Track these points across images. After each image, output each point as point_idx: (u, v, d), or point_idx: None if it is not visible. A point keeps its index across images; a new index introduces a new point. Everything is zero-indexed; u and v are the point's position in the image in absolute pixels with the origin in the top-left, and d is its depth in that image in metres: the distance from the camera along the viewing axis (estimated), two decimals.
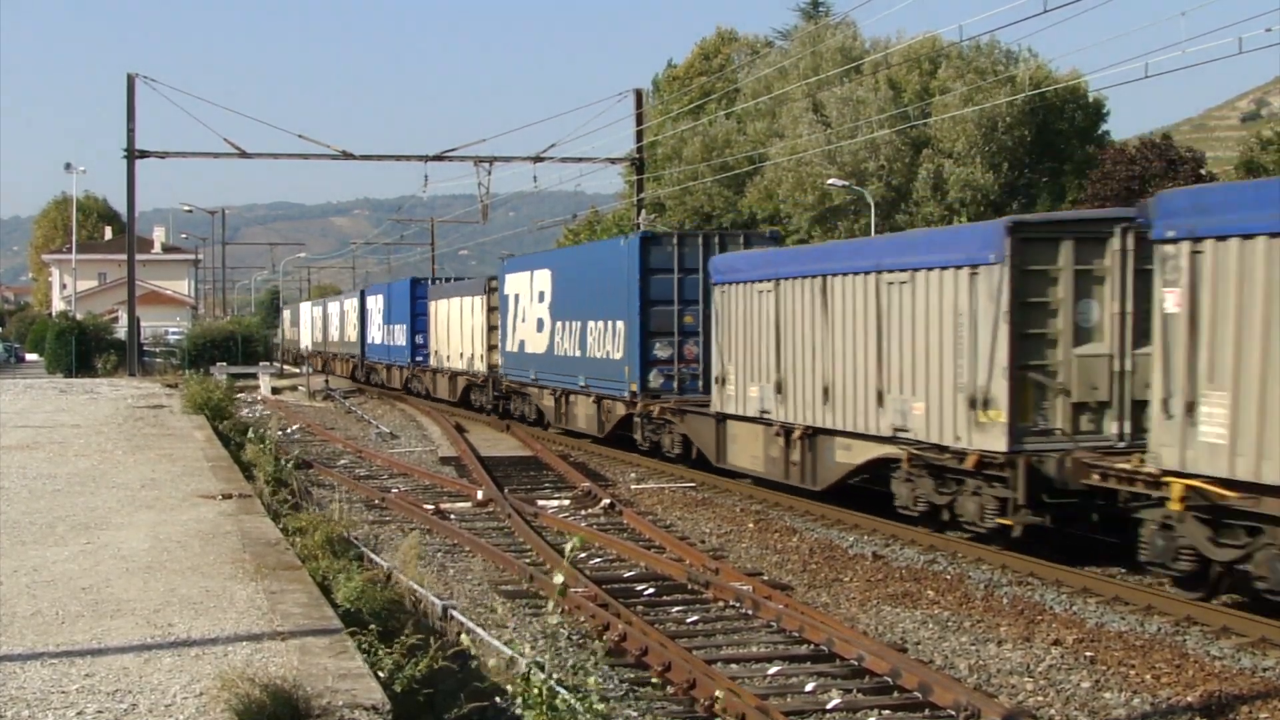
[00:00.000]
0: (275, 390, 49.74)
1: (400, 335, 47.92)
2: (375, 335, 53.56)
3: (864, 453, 18.34)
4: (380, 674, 8.07)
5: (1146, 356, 13.99)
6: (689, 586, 14.36)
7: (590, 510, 20.31)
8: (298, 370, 63.42)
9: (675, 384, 25.50)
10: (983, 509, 15.82)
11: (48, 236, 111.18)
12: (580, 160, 50.08)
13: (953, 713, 9.80)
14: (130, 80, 47.36)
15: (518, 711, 7.00)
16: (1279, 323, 11.71)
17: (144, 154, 47.60)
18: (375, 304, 53.48)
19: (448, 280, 47.12)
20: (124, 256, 56.61)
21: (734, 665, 11.31)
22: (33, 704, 7.36)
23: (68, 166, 69.63)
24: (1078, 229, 15.74)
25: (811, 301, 19.50)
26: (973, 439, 15.67)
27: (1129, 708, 10.31)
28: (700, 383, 24.92)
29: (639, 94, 52.04)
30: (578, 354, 29.00)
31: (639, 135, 51.10)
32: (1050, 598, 14.00)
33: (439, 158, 48.14)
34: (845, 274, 18.60)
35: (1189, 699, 10.47)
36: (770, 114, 60.14)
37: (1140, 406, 14.68)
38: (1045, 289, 15.46)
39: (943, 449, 16.32)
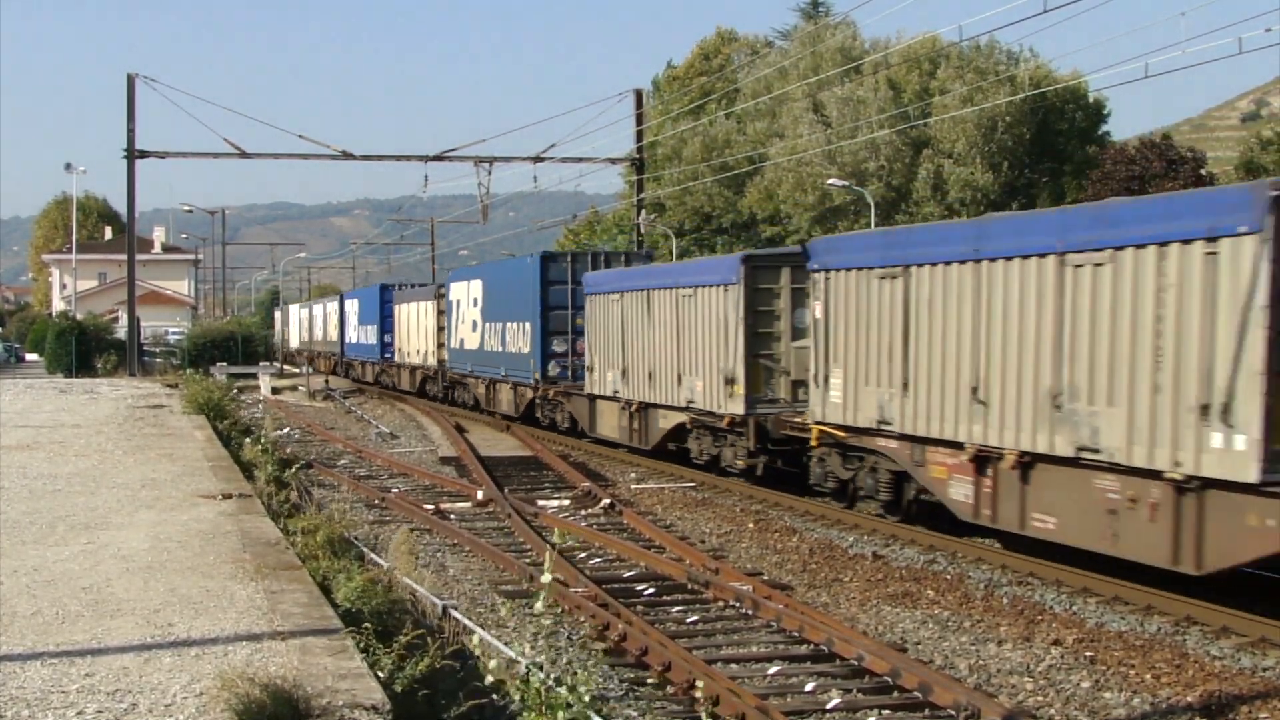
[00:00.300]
0: (275, 390, 49.76)
1: (372, 335, 53.32)
2: (352, 335, 58.83)
3: (672, 419, 24.83)
4: (380, 674, 8.08)
5: (805, 348, 20.46)
6: (689, 586, 14.36)
7: (590, 510, 20.32)
8: (297, 370, 63.53)
9: (569, 373, 31.10)
10: (735, 455, 22.32)
11: (48, 236, 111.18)
12: (580, 160, 50.11)
13: (953, 713, 9.81)
14: (130, 80, 47.37)
15: (515, 710, 7.01)
16: (862, 325, 18.23)
17: (144, 154, 47.62)
18: (352, 307, 58.88)
19: (411, 286, 51.93)
20: (124, 256, 56.63)
21: (734, 665, 11.31)
22: (33, 704, 7.36)
23: (68, 166, 69.67)
24: (793, 260, 21.63)
25: (642, 309, 25.81)
26: (727, 406, 22.08)
27: (1129, 708, 10.31)
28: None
29: (639, 94, 52.05)
30: (500, 350, 34.76)
31: (639, 135, 51.11)
32: (1050, 598, 14.00)
33: (439, 158, 48.17)
34: (659, 289, 25.21)
35: (1189, 699, 10.47)
36: (770, 114, 60.16)
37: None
38: (771, 301, 21.94)
39: (712, 414, 22.67)
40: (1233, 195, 12.54)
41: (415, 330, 45.51)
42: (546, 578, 7.14)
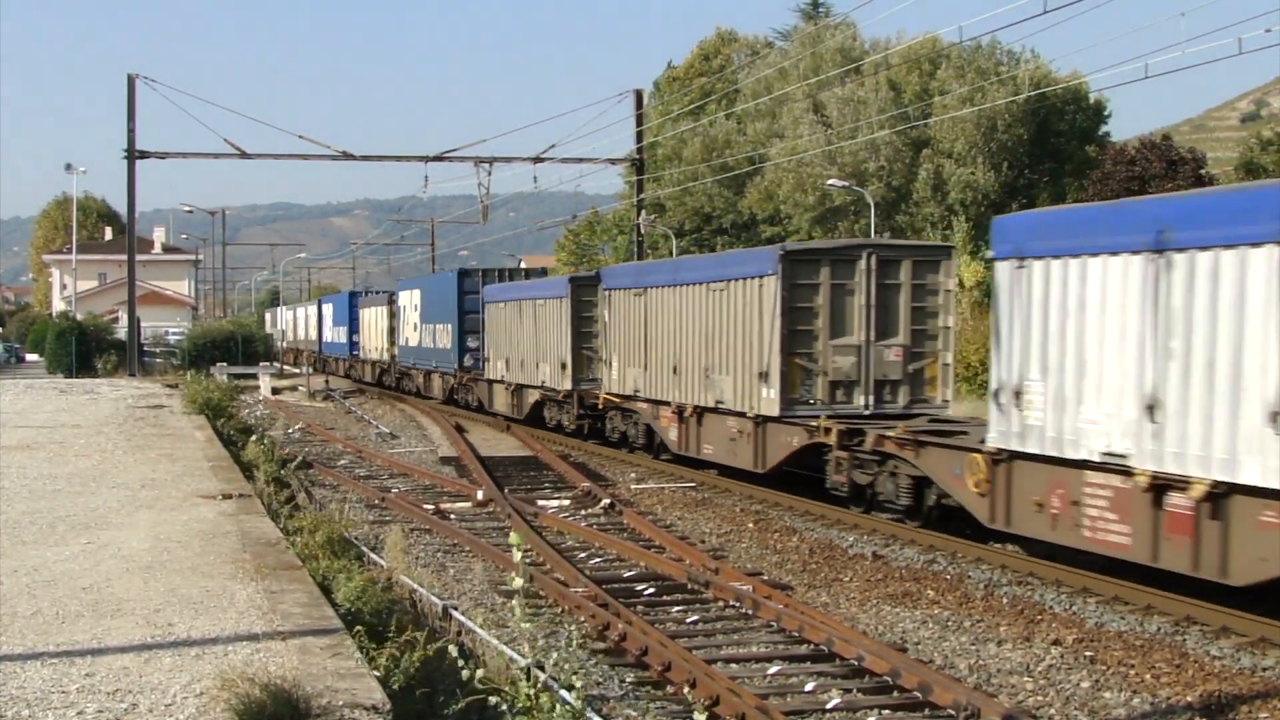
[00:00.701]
0: (275, 390, 49.77)
1: (343, 335, 61.20)
2: (328, 334, 66.77)
3: (534, 395, 33.22)
4: (377, 672, 8.08)
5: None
6: (689, 586, 14.37)
7: (590, 510, 20.32)
8: (297, 370, 63.70)
9: (480, 364, 38.30)
10: (568, 417, 30.97)
11: (48, 237, 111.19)
12: (580, 161, 50.12)
13: (953, 712, 9.81)
14: (130, 80, 47.37)
15: (510, 710, 7.01)
16: (625, 327, 26.51)
17: (144, 154, 47.62)
18: (328, 310, 67.20)
19: (376, 293, 58.78)
20: (124, 257, 56.63)
21: (734, 665, 11.32)
22: (33, 704, 7.36)
23: (68, 167, 69.69)
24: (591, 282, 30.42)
25: (515, 315, 34.12)
26: (561, 384, 30.76)
27: (1129, 707, 10.32)
28: None
29: (639, 94, 52.05)
30: (433, 346, 42.65)
31: (639, 136, 51.11)
32: (1050, 598, 14.01)
33: (439, 158, 48.18)
34: (526, 299, 33.25)
35: (1189, 699, 10.47)
36: (770, 114, 60.16)
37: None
38: (591, 309, 29.93)
39: (555, 389, 31.21)
40: (766, 254, 21.67)
41: (374, 331, 53.95)
42: (518, 582, 7.13)
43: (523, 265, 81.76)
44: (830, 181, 49.89)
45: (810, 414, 20.19)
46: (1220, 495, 12.31)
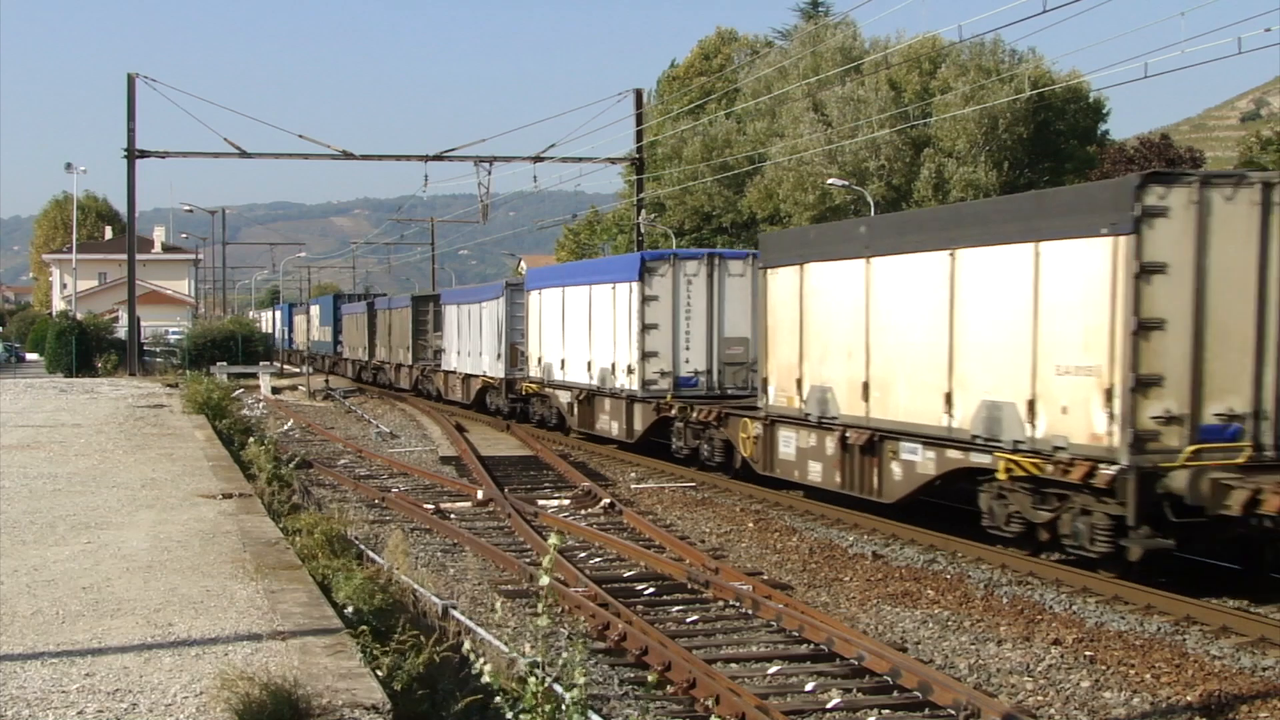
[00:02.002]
0: (275, 390, 49.76)
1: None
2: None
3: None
4: (379, 672, 8.08)
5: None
6: (689, 586, 14.37)
7: (590, 510, 20.32)
8: (298, 370, 63.82)
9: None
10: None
11: (48, 236, 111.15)
12: (580, 160, 50.10)
13: (953, 712, 9.81)
14: (130, 80, 47.35)
15: (509, 713, 7.00)
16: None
17: (144, 154, 47.60)
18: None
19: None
20: (124, 256, 56.61)
21: (734, 665, 11.32)
22: (33, 703, 7.35)
23: (68, 166, 69.55)
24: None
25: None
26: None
27: (1129, 707, 10.32)
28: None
29: (639, 94, 52.03)
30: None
31: (639, 135, 51.10)
32: (1050, 597, 14.00)
33: (439, 158, 48.16)
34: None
35: (1189, 698, 10.47)
36: (770, 114, 60.14)
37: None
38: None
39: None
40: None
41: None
42: (544, 580, 7.13)
43: (523, 265, 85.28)
44: (830, 180, 49.87)
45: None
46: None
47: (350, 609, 10.07)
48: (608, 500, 20.53)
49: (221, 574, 10.94)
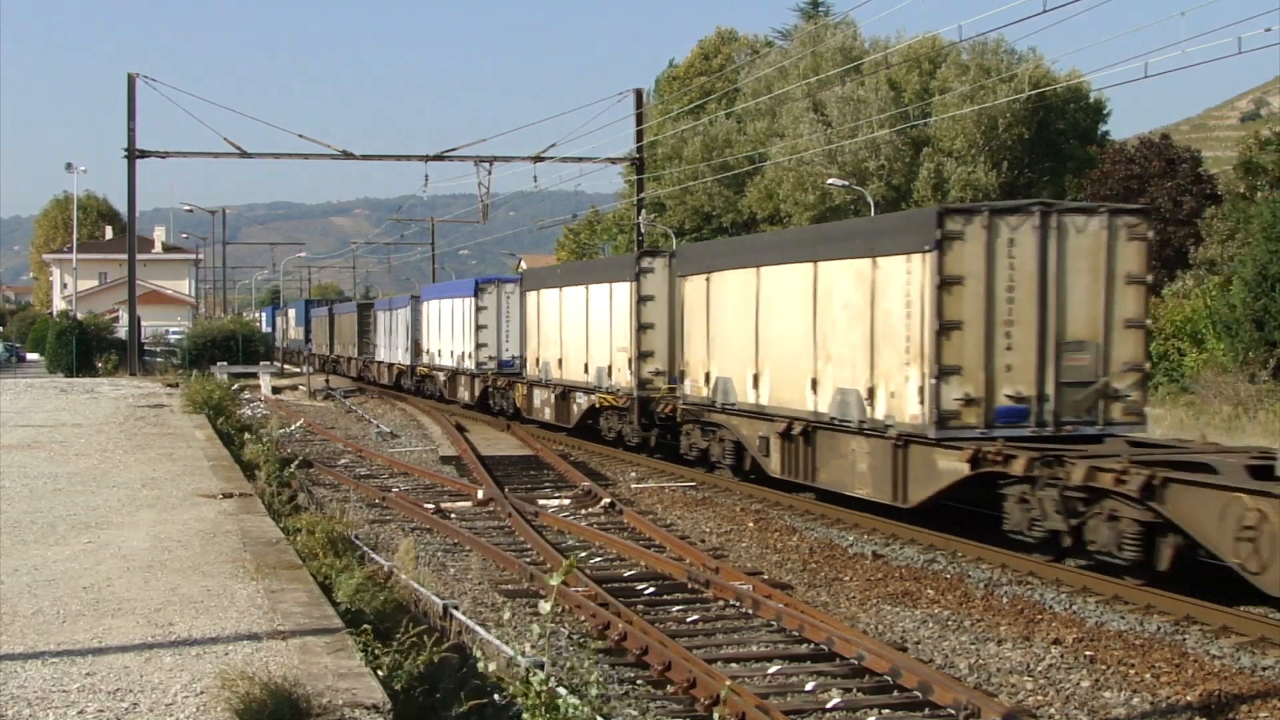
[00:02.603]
0: (276, 390, 49.76)
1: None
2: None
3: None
4: (380, 672, 8.08)
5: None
6: (689, 586, 14.37)
7: (590, 509, 20.32)
8: (298, 370, 63.93)
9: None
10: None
11: (48, 236, 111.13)
12: (580, 160, 50.09)
13: (953, 712, 9.81)
14: (130, 80, 47.34)
15: (516, 711, 7.01)
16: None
17: (144, 154, 47.59)
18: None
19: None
20: (124, 256, 56.60)
21: (734, 664, 11.32)
22: (34, 703, 7.36)
23: (68, 166, 69.55)
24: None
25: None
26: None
27: (1129, 707, 10.32)
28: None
29: (639, 94, 52.02)
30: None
31: (639, 135, 51.09)
32: (1050, 597, 14.01)
33: (439, 158, 48.16)
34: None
35: (1189, 698, 10.47)
36: (770, 114, 60.14)
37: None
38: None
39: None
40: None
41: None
42: (555, 580, 7.14)
43: (523, 265, 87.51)
44: (830, 180, 49.87)
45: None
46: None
47: (351, 608, 10.08)
48: (608, 500, 20.54)
49: (222, 574, 10.94)
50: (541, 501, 20.97)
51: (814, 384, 19.33)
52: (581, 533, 17.99)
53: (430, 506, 19.97)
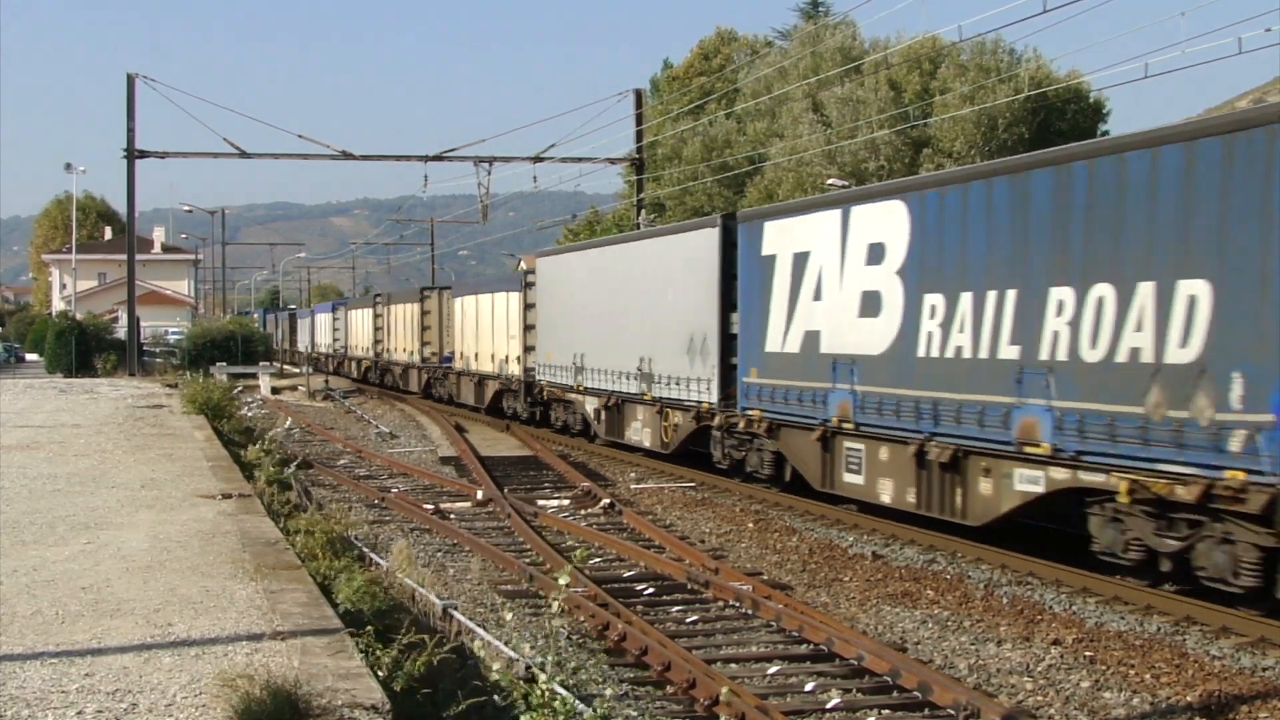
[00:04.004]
0: (275, 390, 49.74)
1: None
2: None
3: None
4: (380, 672, 8.07)
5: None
6: (689, 586, 14.37)
7: (590, 510, 20.32)
8: (297, 370, 64.00)
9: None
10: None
11: (48, 236, 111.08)
12: (580, 160, 50.09)
13: (952, 712, 9.81)
14: (130, 80, 47.34)
15: (518, 712, 7.00)
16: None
17: (144, 154, 47.59)
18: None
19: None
20: (124, 256, 56.60)
21: (734, 665, 11.31)
22: (33, 703, 7.35)
23: (68, 166, 69.53)
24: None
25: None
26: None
27: (1128, 707, 10.32)
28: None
29: (639, 94, 52.02)
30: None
31: (639, 135, 51.09)
32: (1050, 597, 14.00)
33: (439, 158, 48.15)
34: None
35: (1189, 699, 10.47)
36: (770, 114, 60.10)
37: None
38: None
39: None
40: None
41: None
42: (564, 579, 7.13)
43: (522, 265, 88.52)
44: (830, 181, 49.77)
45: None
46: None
47: (350, 609, 10.07)
48: (607, 500, 20.53)
49: (221, 574, 10.94)
50: (541, 502, 20.96)
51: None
52: (581, 533, 17.98)
53: (430, 507, 19.97)
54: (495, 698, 7.89)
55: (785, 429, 20.16)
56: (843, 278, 18.58)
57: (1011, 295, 14.98)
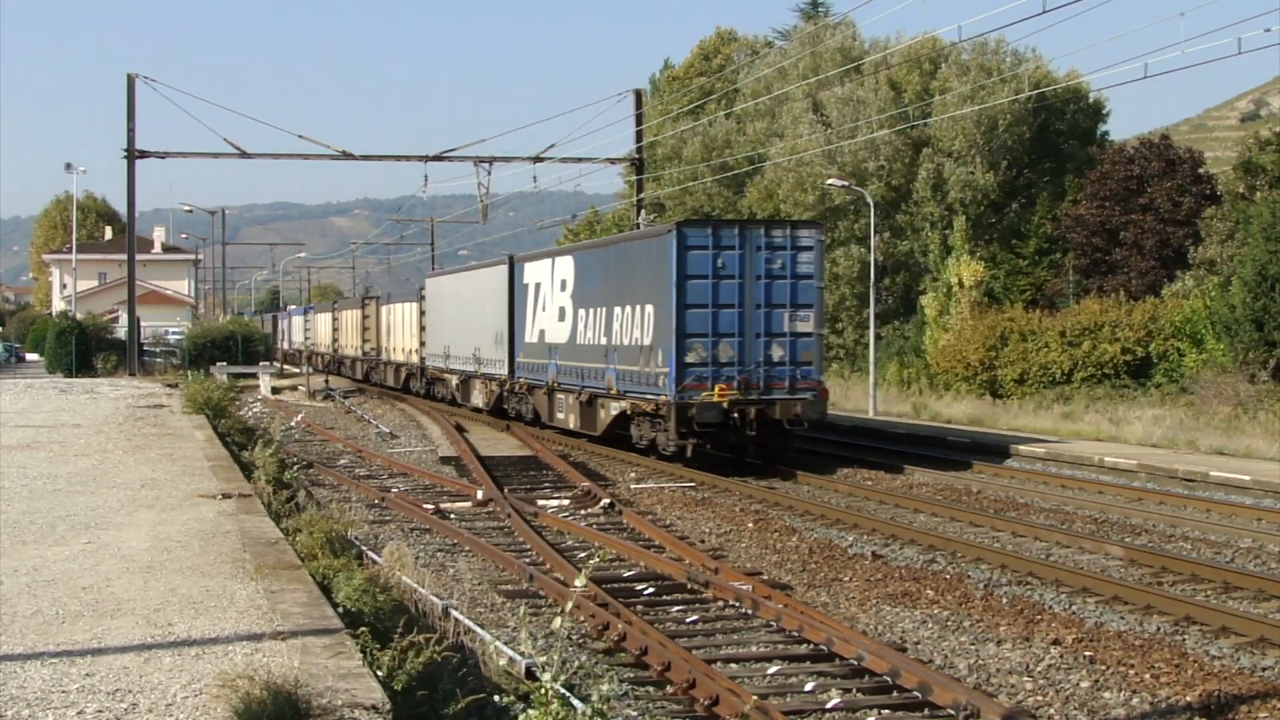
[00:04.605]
0: (275, 390, 49.76)
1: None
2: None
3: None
4: (379, 672, 8.08)
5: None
6: (688, 586, 14.37)
7: (590, 510, 20.32)
8: (297, 370, 64.03)
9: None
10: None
11: (48, 236, 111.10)
12: (580, 160, 50.14)
13: (952, 712, 9.81)
14: (130, 80, 47.36)
15: (516, 712, 6.99)
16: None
17: (144, 154, 47.61)
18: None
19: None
20: (124, 256, 56.63)
21: (734, 665, 11.32)
22: (33, 703, 7.36)
23: (68, 166, 69.56)
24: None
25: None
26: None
27: (1128, 707, 10.32)
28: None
29: (638, 94, 52.06)
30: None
31: (639, 135, 51.12)
32: (1049, 597, 14.01)
33: (439, 158, 48.17)
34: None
35: (1188, 699, 10.47)
36: (770, 114, 60.09)
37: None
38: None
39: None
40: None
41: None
42: (580, 580, 7.14)
43: None
44: (830, 181, 49.83)
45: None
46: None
47: (350, 609, 10.08)
48: (607, 500, 20.53)
49: (221, 574, 10.94)
50: (541, 502, 20.96)
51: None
52: (581, 533, 17.98)
53: (430, 507, 19.97)
54: (496, 698, 7.89)
55: (534, 388, 32.47)
56: (551, 298, 31.19)
57: (604, 310, 27.68)
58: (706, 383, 23.93)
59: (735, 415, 23.90)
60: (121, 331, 58.46)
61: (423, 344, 44.60)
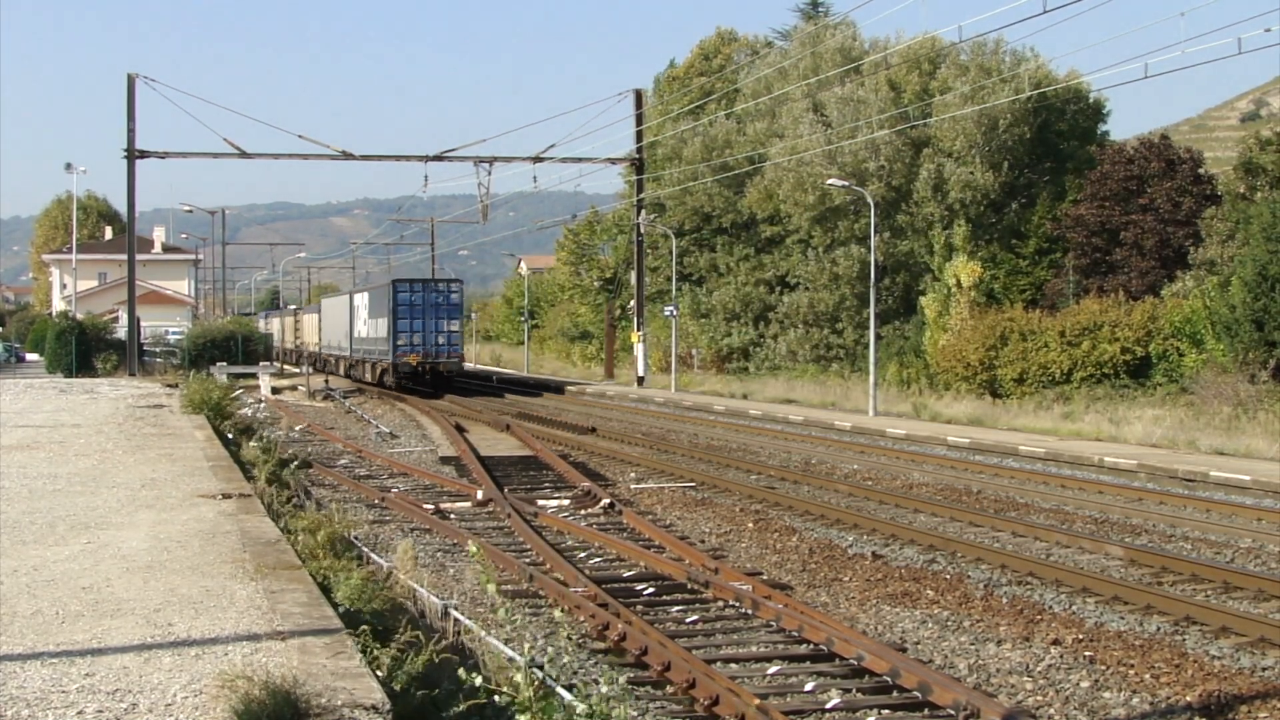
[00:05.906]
0: (275, 390, 49.77)
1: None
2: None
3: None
4: (379, 672, 8.08)
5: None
6: (689, 586, 14.37)
7: (590, 510, 20.32)
8: (297, 370, 64.13)
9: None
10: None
11: (48, 236, 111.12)
12: (580, 160, 50.21)
13: (952, 712, 9.81)
14: (130, 80, 47.40)
15: (515, 711, 6.98)
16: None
17: (144, 154, 47.65)
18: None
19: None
20: (124, 256, 56.70)
21: (734, 665, 11.32)
22: (33, 703, 7.36)
23: (68, 166, 69.47)
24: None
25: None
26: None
27: (1128, 707, 10.32)
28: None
29: (639, 94, 52.11)
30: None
31: (639, 135, 51.15)
32: (1049, 597, 14.01)
33: (439, 158, 48.21)
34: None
35: (1188, 699, 10.47)
36: (770, 114, 60.10)
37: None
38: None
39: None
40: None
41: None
42: (473, 547, 7.12)
43: (522, 265, 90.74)
44: (830, 181, 49.83)
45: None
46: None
47: (350, 609, 10.08)
48: (607, 500, 20.53)
49: (221, 574, 10.94)
50: (541, 502, 20.96)
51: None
52: (581, 533, 17.98)
53: (430, 507, 19.97)
54: (495, 698, 7.88)
55: (358, 362, 54.90)
56: (359, 314, 56.12)
57: (376, 320, 52.32)
58: (407, 353, 48.89)
59: (420, 368, 49.07)
60: (121, 331, 58.48)
61: (320, 339, 70.23)
